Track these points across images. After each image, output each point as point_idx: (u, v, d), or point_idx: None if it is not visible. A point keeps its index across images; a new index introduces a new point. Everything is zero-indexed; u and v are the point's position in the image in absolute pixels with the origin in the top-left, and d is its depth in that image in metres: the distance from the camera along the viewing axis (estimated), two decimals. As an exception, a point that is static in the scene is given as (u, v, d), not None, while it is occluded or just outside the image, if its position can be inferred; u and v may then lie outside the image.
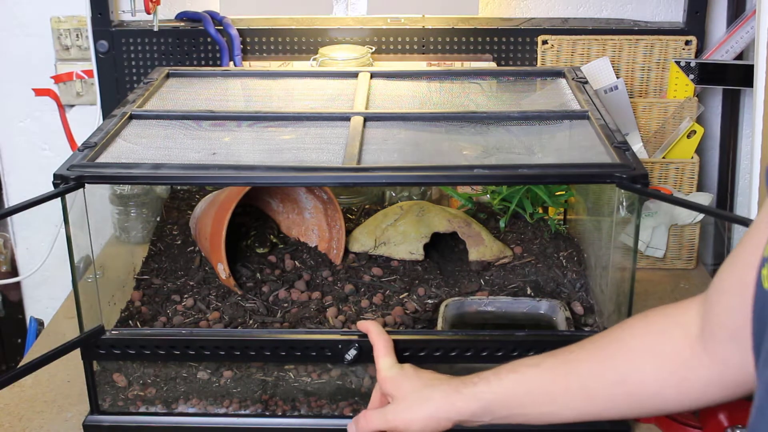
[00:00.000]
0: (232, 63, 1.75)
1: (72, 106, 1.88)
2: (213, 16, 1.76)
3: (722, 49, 1.70)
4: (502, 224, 1.43)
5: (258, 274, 1.32)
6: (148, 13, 1.69)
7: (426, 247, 1.36)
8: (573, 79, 1.42)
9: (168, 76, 1.48)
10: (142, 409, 1.20)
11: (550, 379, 0.91)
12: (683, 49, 1.72)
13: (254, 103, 1.43)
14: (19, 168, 1.92)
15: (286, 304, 1.25)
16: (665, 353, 0.84)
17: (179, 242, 1.44)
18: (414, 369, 1.03)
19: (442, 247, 1.40)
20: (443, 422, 0.96)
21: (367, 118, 1.26)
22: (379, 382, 1.05)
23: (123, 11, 1.77)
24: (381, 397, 1.05)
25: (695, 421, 1.16)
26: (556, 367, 0.92)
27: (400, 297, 1.27)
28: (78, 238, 1.10)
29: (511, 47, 1.77)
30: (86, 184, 1.08)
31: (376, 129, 1.24)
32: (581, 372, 0.89)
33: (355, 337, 1.13)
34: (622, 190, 1.07)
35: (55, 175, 1.07)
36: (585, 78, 1.43)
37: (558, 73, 1.48)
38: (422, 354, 1.14)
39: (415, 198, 1.67)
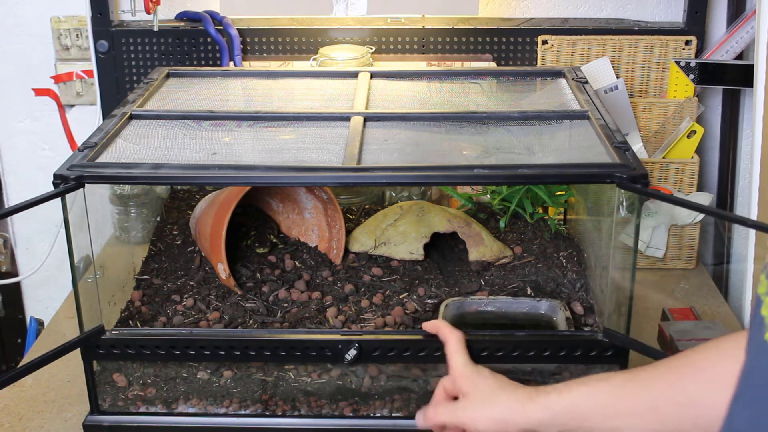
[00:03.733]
0: (232, 63, 1.75)
1: (72, 106, 1.88)
2: (213, 16, 1.76)
3: (722, 49, 1.70)
4: (502, 224, 1.43)
5: (258, 274, 1.32)
6: (148, 13, 1.69)
7: (426, 247, 1.36)
8: (573, 79, 1.42)
9: (168, 76, 1.48)
10: (142, 409, 1.20)
11: (619, 394, 0.91)
12: (683, 49, 1.72)
13: (254, 103, 1.43)
14: (19, 168, 1.92)
15: (286, 304, 1.25)
16: (734, 378, 0.81)
17: (179, 242, 1.44)
18: (489, 371, 1.02)
19: (442, 247, 1.40)
20: (511, 427, 0.96)
21: (367, 118, 1.26)
22: (453, 378, 1.04)
23: (123, 11, 1.77)
24: (445, 393, 1.05)
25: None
26: (626, 383, 0.91)
27: (400, 297, 1.27)
28: (78, 238, 1.10)
29: (511, 47, 1.77)
30: (86, 184, 1.08)
31: (376, 129, 1.24)
32: (651, 390, 0.88)
33: (355, 337, 1.14)
34: (622, 190, 1.07)
35: (55, 175, 1.07)
36: (585, 78, 1.43)
37: (558, 73, 1.48)
38: (422, 354, 1.14)
39: (415, 198, 1.67)
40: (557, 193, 1.44)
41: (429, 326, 1.12)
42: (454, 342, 1.07)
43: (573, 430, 0.93)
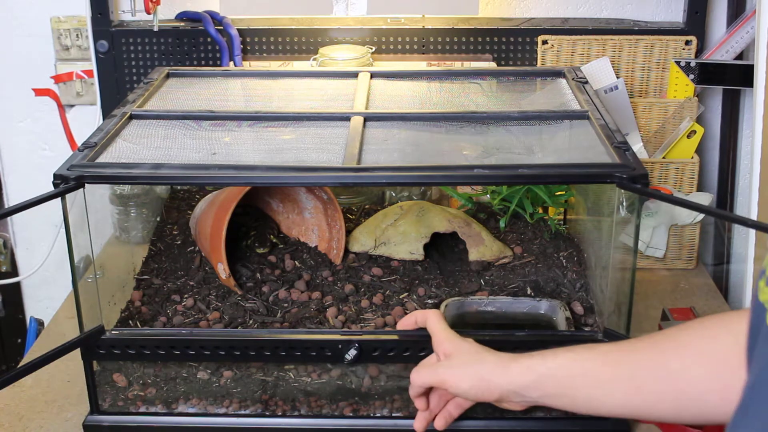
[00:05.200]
0: (232, 63, 1.75)
1: (72, 106, 1.88)
2: (213, 16, 1.76)
3: (722, 49, 1.70)
4: (502, 224, 1.43)
5: (258, 274, 1.32)
6: (148, 13, 1.69)
7: (426, 247, 1.36)
8: (573, 79, 1.42)
9: (168, 76, 1.48)
10: (142, 409, 1.20)
11: (601, 362, 0.91)
12: (683, 49, 1.72)
13: (254, 103, 1.43)
14: (19, 168, 1.92)
15: (286, 304, 1.25)
16: (714, 357, 0.83)
17: (179, 242, 1.44)
18: (473, 340, 1.03)
19: (442, 247, 1.40)
20: (493, 387, 0.95)
21: (367, 118, 1.26)
22: (436, 344, 1.05)
23: (123, 11, 1.77)
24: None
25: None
26: (609, 353, 0.92)
27: (400, 297, 1.27)
28: (78, 238, 1.10)
29: (511, 47, 1.77)
30: (86, 184, 1.08)
31: (376, 129, 1.24)
32: (633, 362, 0.90)
33: (355, 337, 1.14)
34: (622, 190, 1.07)
35: (55, 175, 1.07)
36: (585, 78, 1.43)
37: (558, 73, 1.48)
38: (422, 354, 1.14)
39: (415, 198, 1.67)
40: (557, 193, 1.44)
41: (405, 323, 1.12)
42: (433, 317, 1.08)
43: (554, 396, 0.93)
